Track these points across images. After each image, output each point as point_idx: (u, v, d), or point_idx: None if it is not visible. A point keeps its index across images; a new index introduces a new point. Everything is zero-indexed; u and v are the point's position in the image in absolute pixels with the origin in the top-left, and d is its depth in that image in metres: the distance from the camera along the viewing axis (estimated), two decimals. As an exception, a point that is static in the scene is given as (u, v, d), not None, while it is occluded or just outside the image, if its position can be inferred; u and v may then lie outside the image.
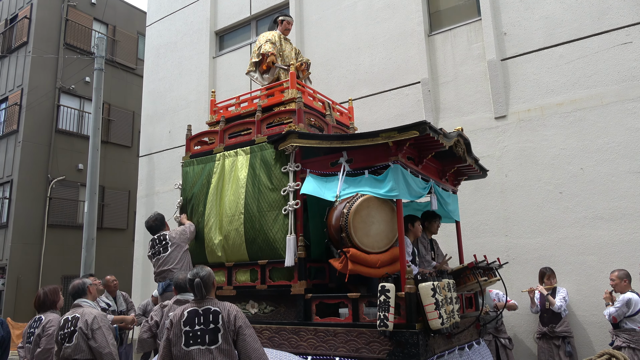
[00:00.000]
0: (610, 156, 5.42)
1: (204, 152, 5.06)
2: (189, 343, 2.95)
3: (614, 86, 5.52)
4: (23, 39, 14.53)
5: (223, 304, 3.10)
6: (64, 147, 14.41)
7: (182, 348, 2.95)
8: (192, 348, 2.93)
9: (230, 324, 2.99)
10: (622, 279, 4.69)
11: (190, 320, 3.01)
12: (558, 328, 5.14)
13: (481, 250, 5.52)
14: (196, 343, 2.94)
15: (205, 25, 9.65)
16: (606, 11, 5.67)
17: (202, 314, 3.02)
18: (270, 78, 5.38)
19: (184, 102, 9.63)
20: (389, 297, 3.33)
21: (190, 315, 3.03)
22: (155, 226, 4.76)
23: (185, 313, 3.05)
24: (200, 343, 2.94)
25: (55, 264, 13.52)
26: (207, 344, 2.93)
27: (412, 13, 7.03)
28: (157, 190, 9.63)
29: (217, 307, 3.06)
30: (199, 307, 3.06)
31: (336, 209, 4.02)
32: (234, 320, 3.01)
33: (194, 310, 3.05)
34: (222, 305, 3.08)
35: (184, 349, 2.94)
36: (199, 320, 3.00)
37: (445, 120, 6.52)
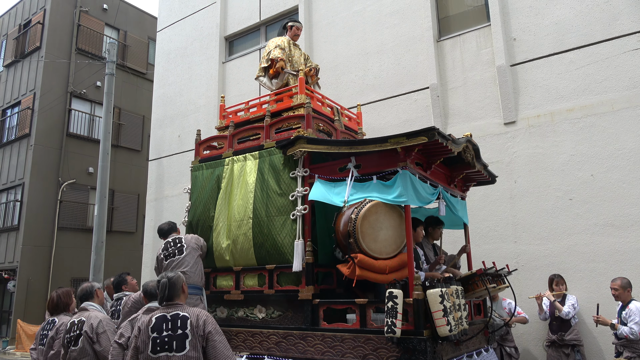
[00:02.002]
0: (622, 163, 5.37)
1: (213, 157, 5.09)
2: (156, 350, 2.84)
3: (625, 92, 5.48)
4: (36, 44, 14.75)
5: (192, 310, 3.01)
6: (74, 150, 14.57)
7: (149, 355, 2.83)
8: (159, 355, 2.82)
9: (199, 330, 2.89)
10: (626, 288, 4.63)
11: (158, 327, 2.91)
12: (567, 336, 5.09)
13: (490, 256, 5.49)
14: (163, 350, 2.83)
15: (215, 31, 9.73)
16: (616, 17, 5.64)
17: (171, 320, 2.92)
18: (279, 83, 5.40)
19: (193, 107, 9.71)
20: (397, 303, 3.32)
21: (158, 322, 2.93)
22: (167, 230, 4.80)
23: (153, 319, 2.95)
24: (168, 350, 2.82)
25: (65, 266, 13.65)
26: (175, 350, 2.82)
27: (421, 18, 7.04)
28: (166, 194, 9.69)
29: (186, 312, 2.96)
30: (167, 313, 2.96)
31: (344, 215, 4.02)
32: (202, 326, 2.91)
33: (163, 316, 2.95)
34: (191, 311, 2.99)
35: (151, 356, 2.83)
36: (166, 326, 2.90)
37: (454, 126, 6.51)
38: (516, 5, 6.36)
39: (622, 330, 4.52)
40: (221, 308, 4.60)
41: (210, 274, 4.73)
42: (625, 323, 4.55)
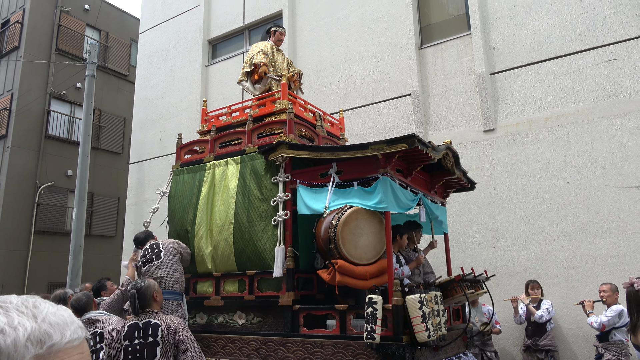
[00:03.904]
0: (596, 171, 5.50)
1: (194, 161, 5.06)
2: (127, 358, 2.83)
3: (599, 102, 5.62)
4: (14, 44, 14.46)
5: (165, 317, 2.99)
6: (53, 152, 14.30)
7: None
8: None
9: (169, 337, 2.87)
10: (614, 291, 4.75)
11: (130, 335, 2.90)
12: (541, 341, 5.18)
13: (469, 262, 5.56)
14: (135, 358, 2.82)
15: (198, 34, 9.68)
16: (592, 28, 5.79)
17: (142, 328, 2.90)
18: (262, 88, 5.40)
19: (175, 110, 9.63)
20: (377, 309, 3.34)
21: (130, 330, 2.92)
22: (144, 239, 4.74)
23: (125, 327, 2.94)
24: (139, 358, 2.82)
25: (42, 271, 13.35)
26: (146, 358, 2.81)
27: (403, 26, 7.13)
28: (147, 198, 9.57)
29: (158, 320, 2.94)
30: (139, 321, 2.95)
31: (325, 220, 4.04)
32: (173, 334, 2.89)
33: (135, 324, 2.94)
34: (163, 318, 2.97)
35: None
36: (138, 334, 2.88)
37: (435, 133, 6.59)
38: (496, 15, 6.49)
39: (590, 319, 4.71)
40: (201, 314, 4.56)
41: (190, 279, 4.69)
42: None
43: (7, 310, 0.73)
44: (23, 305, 0.74)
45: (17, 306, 0.74)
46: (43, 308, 0.75)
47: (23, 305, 0.75)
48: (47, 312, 0.75)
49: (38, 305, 0.76)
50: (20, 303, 0.75)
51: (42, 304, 0.76)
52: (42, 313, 0.74)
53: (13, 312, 0.72)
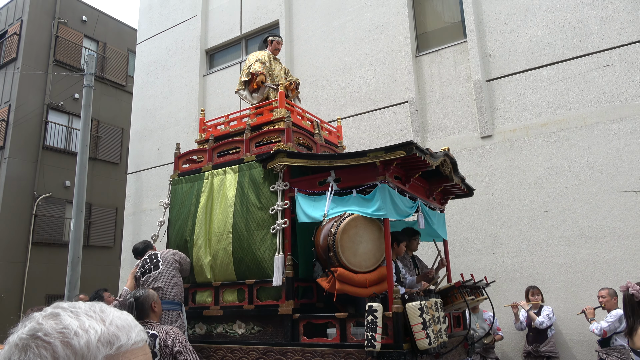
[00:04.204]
0: (594, 176, 5.52)
1: (192, 171, 5.06)
2: None
3: (596, 107, 5.65)
4: (12, 55, 14.49)
5: (162, 327, 2.95)
6: (51, 163, 14.28)
7: None
8: None
9: (167, 348, 2.84)
10: (613, 296, 4.74)
11: None
12: (542, 348, 5.15)
13: (468, 268, 5.54)
14: None
15: (195, 44, 9.72)
16: (587, 35, 5.84)
17: None
18: (259, 97, 5.42)
19: (173, 120, 9.64)
20: (377, 317, 3.32)
21: None
22: (143, 249, 4.72)
23: None
24: None
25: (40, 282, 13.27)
26: None
27: (400, 34, 7.17)
28: (145, 208, 9.55)
29: (155, 330, 2.91)
30: None
31: (324, 228, 4.03)
32: (171, 344, 2.86)
33: None
34: (161, 329, 2.94)
35: None
36: None
37: (433, 139, 6.61)
38: (491, 22, 6.54)
39: (592, 325, 4.70)
40: (200, 324, 4.53)
41: (189, 289, 4.66)
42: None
43: (77, 315, 0.77)
44: (91, 310, 0.79)
45: (85, 311, 0.78)
46: (109, 312, 0.80)
47: (91, 310, 0.79)
48: (113, 316, 0.80)
49: (105, 310, 0.80)
50: (88, 308, 0.79)
51: (108, 309, 0.81)
52: (109, 317, 0.79)
53: (83, 316, 0.77)
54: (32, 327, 0.75)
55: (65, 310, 0.78)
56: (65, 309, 0.78)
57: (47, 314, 0.78)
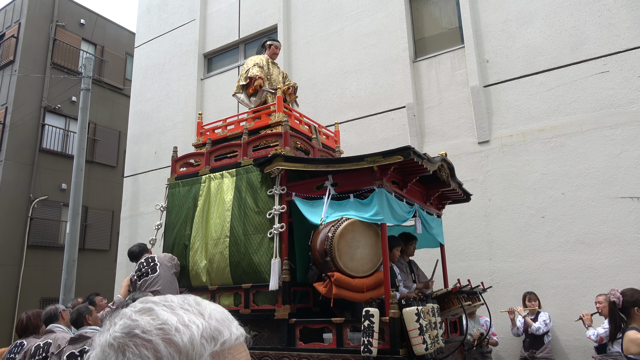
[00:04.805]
0: (590, 181, 5.53)
1: (189, 174, 5.05)
2: None
3: (592, 113, 5.68)
4: (9, 58, 14.47)
5: None
6: (47, 166, 14.23)
7: None
8: None
9: None
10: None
11: None
12: (539, 354, 5.14)
13: (465, 274, 5.55)
14: None
15: (193, 48, 9.73)
16: (584, 41, 5.87)
17: None
18: (257, 101, 5.42)
19: (170, 123, 9.63)
20: (373, 322, 3.31)
21: None
22: (139, 253, 4.70)
23: None
24: None
25: (35, 286, 13.19)
26: None
27: (397, 39, 7.19)
28: (142, 211, 9.52)
29: None
30: None
31: (321, 233, 4.03)
32: None
33: None
34: None
35: None
36: None
37: (430, 144, 6.62)
38: (489, 28, 6.57)
39: (589, 332, 4.68)
40: (196, 328, 4.50)
41: (185, 293, 4.64)
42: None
43: (173, 309, 0.70)
44: (186, 303, 0.72)
45: (180, 304, 0.71)
46: (205, 305, 0.73)
47: (185, 303, 0.72)
48: (211, 308, 0.72)
49: (200, 302, 0.73)
50: (182, 301, 0.72)
51: (202, 301, 0.74)
52: (207, 310, 0.71)
53: (179, 309, 0.69)
54: (127, 324, 0.67)
55: (158, 304, 0.71)
56: (158, 303, 0.71)
57: (138, 309, 0.70)
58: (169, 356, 0.63)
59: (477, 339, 4.90)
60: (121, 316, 0.70)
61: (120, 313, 0.71)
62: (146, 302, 0.71)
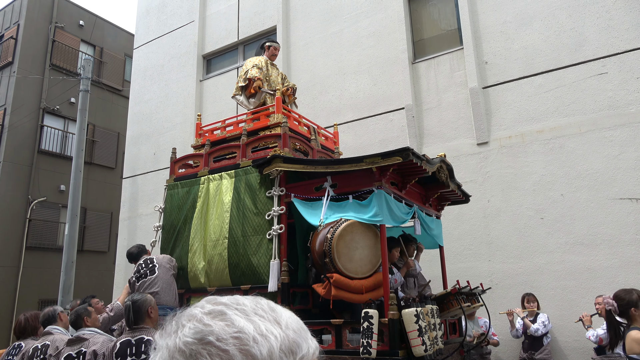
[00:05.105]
0: (589, 183, 5.54)
1: (188, 175, 5.04)
2: None
3: (591, 115, 5.68)
4: (8, 59, 14.46)
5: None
6: (46, 167, 14.21)
7: None
8: None
9: None
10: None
11: (123, 352, 2.82)
12: (538, 355, 5.14)
13: (464, 275, 5.54)
14: None
15: (192, 49, 9.73)
16: (582, 43, 5.88)
17: (135, 344, 2.83)
18: (256, 102, 5.42)
19: (169, 125, 9.63)
20: (372, 324, 3.31)
21: (122, 347, 2.85)
22: (137, 254, 4.69)
23: (117, 344, 2.87)
24: None
25: (33, 287, 13.16)
26: None
27: (396, 41, 7.20)
28: (140, 213, 9.51)
29: (150, 336, 2.88)
30: (132, 337, 2.88)
31: (320, 234, 4.02)
32: None
33: (127, 341, 2.87)
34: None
35: None
36: (130, 351, 2.81)
37: (429, 146, 6.62)
38: (487, 30, 6.58)
39: (588, 333, 4.67)
40: (195, 330, 4.49)
41: (183, 294, 4.63)
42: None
43: (247, 314, 0.63)
44: (259, 308, 0.65)
45: (253, 309, 0.64)
46: (280, 311, 0.66)
47: (259, 307, 0.65)
48: (286, 316, 0.65)
49: (274, 308, 0.66)
50: (255, 305, 0.65)
51: (276, 306, 0.67)
52: (283, 318, 0.64)
53: (253, 316, 0.63)
54: (198, 329, 0.61)
55: (230, 307, 0.64)
56: (229, 306, 0.64)
57: (208, 311, 0.64)
58: None
59: (477, 337, 4.90)
60: (189, 318, 0.64)
61: (187, 314, 0.65)
62: (216, 303, 0.65)
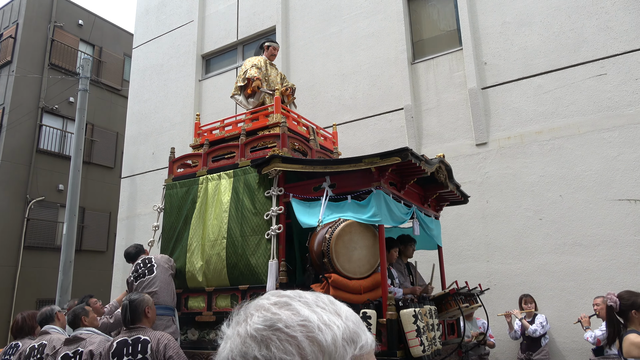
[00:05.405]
0: (588, 184, 5.54)
1: (187, 175, 5.03)
2: None
3: (590, 116, 5.69)
4: (7, 58, 14.44)
5: (154, 333, 2.92)
6: (44, 167, 14.19)
7: None
8: None
9: (159, 354, 2.81)
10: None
11: (119, 352, 2.82)
12: (535, 356, 5.14)
13: (463, 276, 5.54)
14: None
15: (192, 49, 9.72)
16: (582, 44, 5.88)
17: (131, 344, 2.83)
18: (255, 102, 5.41)
19: (168, 124, 9.62)
20: (370, 324, 3.30)
21: (119, 346, 2.85)
22: (135, 254, 4.68)
23: (114, 344, 2.87)
24: None
25: (31, 287, 13.14)
26: None
27: (395, 42, 7.20)
28: (139, 212, 9.50)
29: (147, 336, 2.87)
30: (129, 337, 2.88)
31: (318, 234, 4.01)
32: (163, 350, 2.83)
33: (124, 341, 2.87)
34: (153, 335, 2.90)
35: None
36: (127, 351, 2.81)
37: (428, 146, 6.62)
38: (487, 30, 6.58)
39: (586, 334, 4.67)
40: (192, 330, 4.49)
41: (181, 294, 4.62)
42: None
43: (309, 305, 0.67)
44: (320, 301, 0.68)
45: (315, 302, 0.68)
46: (339, 305, 0.69)
47: (320, 300, 0.68)
48: (345, 309, 0.69)
49: (333, 302, 0.69)
50: (316, 298, 0.69)
51: (335, 300, 0.70)
52: (342, 310, 0.68)
53: (315, 307, 0.66)
54: (267, 317, 0.65)
55: (293, 299, 0.68)
56: (293, 298, 0.68)
57: (274, 302, 0.68)
58: (312, 355, 0.61)
59: (475, 337, 4.90)
60: (257, 307, 0.68)
61: (254, 304, 0.69)
62: (280, 295, 0.69)
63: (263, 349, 0.62)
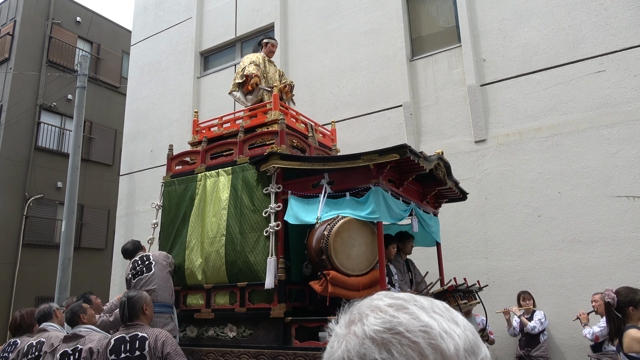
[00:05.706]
0: (586, 180, 5.54)
1: (185, 172, 5.02)
2: None
3: (589, 112, 5.68)
4: (5, 56, 14.39)
5: (152, 330, 2.92)
6: (42, 164, 14.17)
7: None
8: None
9: (157, 351, 2.81)
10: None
11: (117, 349, 2.82)
12: (534, 352, 5.15)
13: (462, 272, 5.54)
14: None
15: (190, 46, 9.69)
16: (580, 41, 5.88)
17: (129, 341, 2.84)
18: (253, 99, 5.40)
19: (167, 121, 9.60)
20: (369, 321, 3.30)
21: (116, 343, 2.85)
22: (133, 250, 4.66)
23: (112, 341, 2.87)
24: None
25: (29, 284, 13.14)
26: None
27: (394, 38, 7.18)
28: (138, 210, 9.49)
29: (145, 333, 2.88)
30: (126, 334, 2.88)
31: (317, 231, 4.01)
32: (161, 347, 2.83)
33: (121, 338, 2.87)
34: (151, 332, 2.91)
35: None
36: (125, 348, 2.81)
37: (427, 143, 6.61)
38: (485, 27, 6.56)
39: (585, 330, 4.68)
40: (191, 327, 4.49)
41: (180, 292, 4.62)
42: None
43: (427, 311, 0.63)
44: (435, 306, 0.65)
45: (431, 307, 0.64)
46: (455, 313, 0.66)
47: (435, 306, 0.65)
48: (461, 317, 0.65)
49: (449, 308, 0.66)
50: (431, 304, 0.65)
51: (449, 307, 0.67)
52: (459, 319, 0.64)
53: (433, 314, 0.63)
54: (386, 319, 0.62)
55: (409, 302, 0.64)
56: (408, 301, 0.65)
57: (389, 303, 0.64)
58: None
59: None
60: (372, 308, 0.65)
61: (368, 304, 0.66)
62: (394, 297, 0.66)
63: (384, 352, 0.59)
